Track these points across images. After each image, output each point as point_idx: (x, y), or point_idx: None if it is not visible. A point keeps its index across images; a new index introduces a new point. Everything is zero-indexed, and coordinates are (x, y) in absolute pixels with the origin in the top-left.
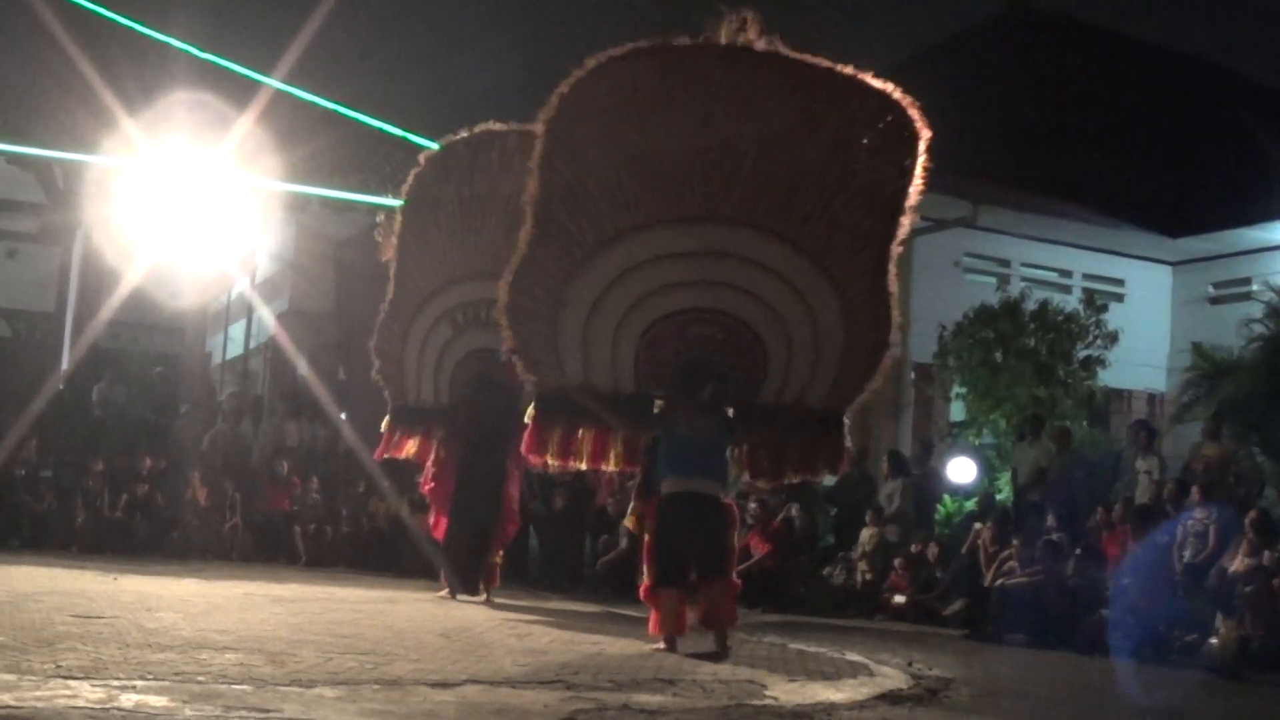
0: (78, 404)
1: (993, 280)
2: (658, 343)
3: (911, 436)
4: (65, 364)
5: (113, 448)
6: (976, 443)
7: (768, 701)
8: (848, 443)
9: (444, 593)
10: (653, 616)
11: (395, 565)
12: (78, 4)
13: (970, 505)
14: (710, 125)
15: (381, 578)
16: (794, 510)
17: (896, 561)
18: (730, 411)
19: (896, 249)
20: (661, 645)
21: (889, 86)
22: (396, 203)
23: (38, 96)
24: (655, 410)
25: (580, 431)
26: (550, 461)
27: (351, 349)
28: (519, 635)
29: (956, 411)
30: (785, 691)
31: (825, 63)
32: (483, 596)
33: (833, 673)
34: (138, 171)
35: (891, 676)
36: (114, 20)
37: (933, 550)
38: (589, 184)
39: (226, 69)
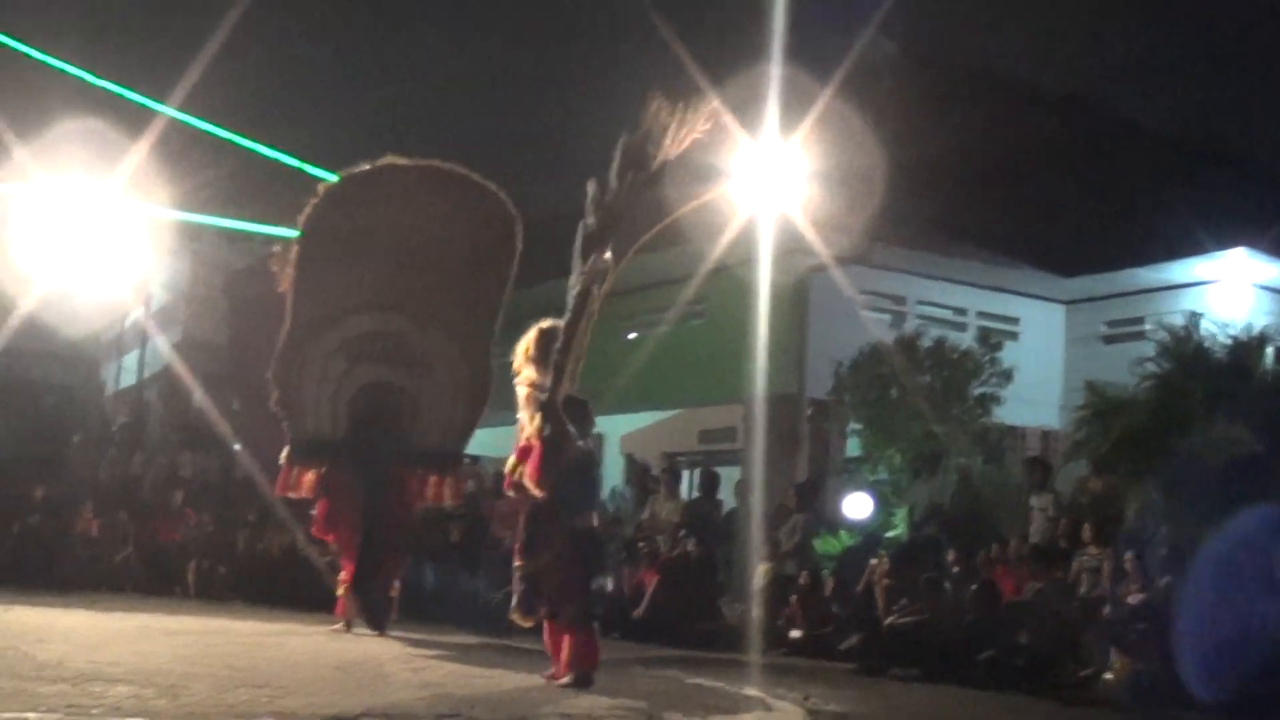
0: None
1: (888, 318)
2: None
3: (807, 472)
4: None
5: (3, 477)
6: (872, 478)
7: None
8: None
9: (339, 626)
10: (575, 652)
11: (290, 598)
12: None
13: (850, 540)
14: None
15: (276, 610)
16: (690, 545)
17: (793, 597)
18: None
19: None
20: (569, 680)
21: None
22: (292, 233)
23: None
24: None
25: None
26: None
27: (246, 379)
28: (415, 668)
29: (852, 447)
30: None
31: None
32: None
33: (729, 707)
34: (30, 199)
35: (788, 711)
36: (6, 45)
37: (828, 585)
38: None
39: (121, 96)
